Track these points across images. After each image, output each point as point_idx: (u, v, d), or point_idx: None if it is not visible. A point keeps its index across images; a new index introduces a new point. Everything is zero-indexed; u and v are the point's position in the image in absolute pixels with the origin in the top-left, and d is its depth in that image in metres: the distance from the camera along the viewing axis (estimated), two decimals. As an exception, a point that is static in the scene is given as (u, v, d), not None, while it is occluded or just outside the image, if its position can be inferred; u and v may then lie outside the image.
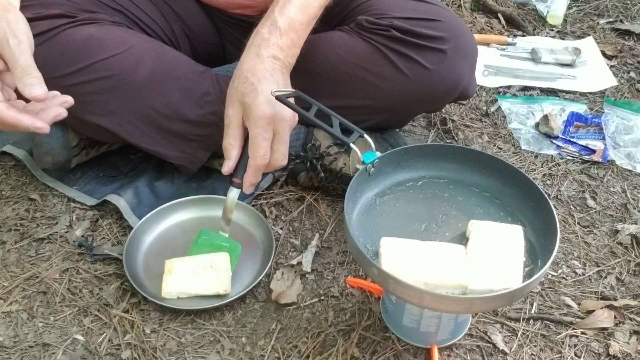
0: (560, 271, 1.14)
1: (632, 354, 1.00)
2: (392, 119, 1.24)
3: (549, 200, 0.88)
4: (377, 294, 1.07)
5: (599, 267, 1.16)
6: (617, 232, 1.22)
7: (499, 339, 1.01)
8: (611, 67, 1.74)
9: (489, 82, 1.65)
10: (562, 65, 1.73)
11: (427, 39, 1.11)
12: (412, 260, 0.83)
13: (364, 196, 0.95)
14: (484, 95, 1.61)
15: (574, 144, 1.45)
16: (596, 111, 1.58)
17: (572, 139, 1.46)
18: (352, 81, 1.15)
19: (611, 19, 1.97)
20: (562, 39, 1.87)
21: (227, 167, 1.02)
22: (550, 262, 0.80)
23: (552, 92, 1.64)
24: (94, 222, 1.20)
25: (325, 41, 1.16)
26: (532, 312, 1.06)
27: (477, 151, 1.01)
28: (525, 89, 1.65)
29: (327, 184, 1.23)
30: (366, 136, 0.94)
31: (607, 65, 1.74)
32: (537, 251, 0.88)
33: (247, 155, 1.00)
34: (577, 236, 1.22)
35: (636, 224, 1.24)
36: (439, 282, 0.82)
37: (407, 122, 1.38)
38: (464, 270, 0.83)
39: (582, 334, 1.03)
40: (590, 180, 1.36)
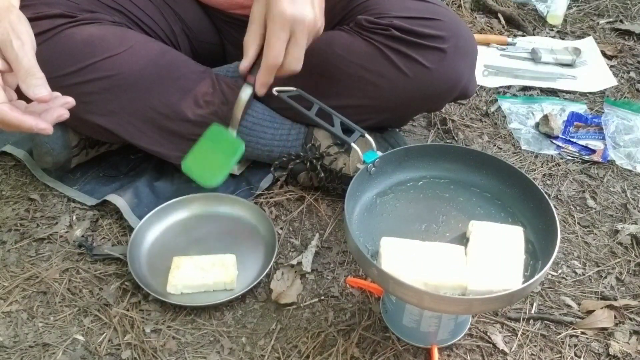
0: (560, 271, 1.14)
1: (632, 354, 1.00)
2: (392, 118, 1.24)
3: (550, 200, 0.88)
4: (377, 294, 1.06)
5: (599, 267, 1.16)
6: (617, 232, 1.22)
7: (499, 339, 1.01)
8: (611, 67, 1.74)
9: (489, 82, 1.65)
10: (562, 65, 1.73)
11: (427, 38, 1.11)
12: (412, 260, 0.83)
13: (364, 196, 0.94)
14: (484, 95, 1.61)
15: (574, 144, 1.45)
16: (596, 111, 1.58)
17: (572, 139, 1.46)
18: (351, 80, 1.15)
19: (611, 19, 1.97)
20: (562, 39, 1.87)
21: (243, 65, 0.98)
22: (550, 263, 0.80)
23: (552, 92, 1.64)
24: (94, 222, 1.20)
25: (325, 41, 1.16)
26: (532, 312, 1.06)
27: (478, 151, 1.01)
28: (525, 89, 1.65)
29: (327, 184, 1.23)
30: (367, 136, 0.94)
31: (607, 65, 1.74)
32: (537, 252, 0.88)
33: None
34: (577, 236, 1.22)
35: (636, 224, 1.24)
36: (438, 282, 0.82)
37: (407, 122, 1.38)
38: (464, 270, 0.83)
39: (582, 334, 1.03)
40: (590, 180, 1.36)
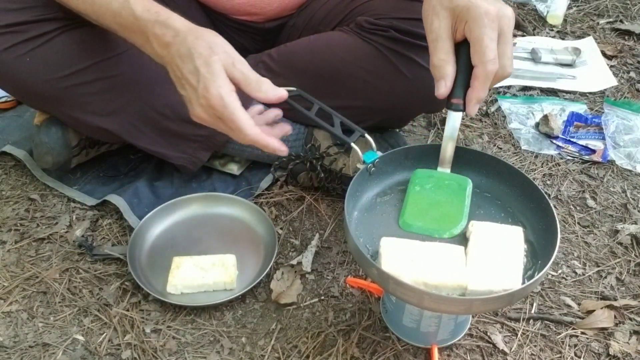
0: (560, 271, 1.14)
1: (632, 354, 1.00)
2: (391, 119, 1.24)
3: (550, 200, 0.88)
4: (377, 294, 1.06)
5: (599, 267, 1.16)
6: (617, 232, 1.22)
7: (499, 339, 1.01)
8: (611, 67, 1.74)
9: (489, 82, 1.65)
10: (562, 65, 1.73)
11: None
12: (412, 260, 0.83)
13: (364, 196, 0.94)
14: (484, 95, 1.61)
15: (574, 144, 1.45)
16: (596, 111, 1.58)
17: (572, 139, 1.46)
18: (351, 81, 1.15)
19: (611, 19, 1.97)
20: (562, 39, 1.87)
21: (443, 88, 0.87)
22: (550, 263, 0.80)
23: (552, 92, 1.64)
24: (94, 222, 1.20)
25: (325, 41, 1.16)
26: (532, 312, 1.06)
27: (478, 152, 1.01)
28: (525, 89, 1.65)
29: (327, 184, 1.23)
30: (367, 136, 0.94)
31: (607, 65, 1.74)
32: (537, 252, 0.88)
33: (462, 69, 0.87)
34: (577, 236, 1.22)
35: (636, 224, 1.24)
36: (438, 282, 0.81)
37: (406, 122, 1.38)
38: (464, 271, 0.83)
39: (582, 334, 1.03)
40: (590, 180, 1.36)
